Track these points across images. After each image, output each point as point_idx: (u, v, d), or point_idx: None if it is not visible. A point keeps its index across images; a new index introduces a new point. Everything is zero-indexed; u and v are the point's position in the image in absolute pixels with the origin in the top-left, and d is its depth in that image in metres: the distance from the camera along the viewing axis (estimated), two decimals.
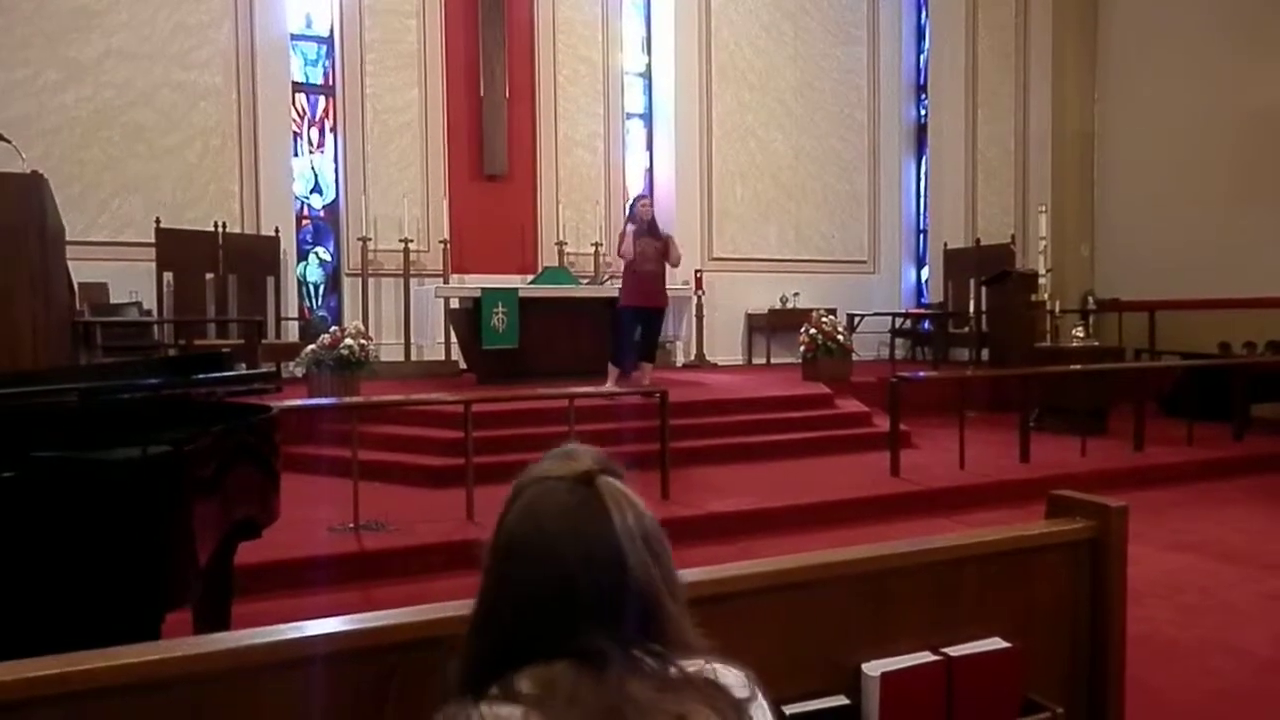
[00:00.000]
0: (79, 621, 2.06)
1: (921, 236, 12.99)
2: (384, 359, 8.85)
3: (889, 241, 12.78)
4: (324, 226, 10.33)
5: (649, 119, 11.92)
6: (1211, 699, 3.21)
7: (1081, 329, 8.74)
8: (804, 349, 8.85)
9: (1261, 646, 3.65)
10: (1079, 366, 7.77)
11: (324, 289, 10.35)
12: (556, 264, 10.26)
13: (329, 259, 10.33)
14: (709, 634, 1.01)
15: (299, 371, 7.45)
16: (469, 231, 10.32)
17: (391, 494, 5.65)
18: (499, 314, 8.27)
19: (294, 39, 9.97)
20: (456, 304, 8.74)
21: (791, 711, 1.59)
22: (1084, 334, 8.64)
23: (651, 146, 11.92)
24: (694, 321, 10.74)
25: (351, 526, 4.89)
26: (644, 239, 7.87)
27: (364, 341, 7.37)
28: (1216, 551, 5.00)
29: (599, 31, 11.14)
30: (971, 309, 10.38)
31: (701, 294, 10.92)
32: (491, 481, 4.70)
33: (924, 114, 12.83)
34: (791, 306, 11.38)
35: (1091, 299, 9.84)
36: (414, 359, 9.81)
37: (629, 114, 11.65)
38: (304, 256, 10.19)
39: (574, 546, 0.95)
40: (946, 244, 11.72)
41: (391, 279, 10.00)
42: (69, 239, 5.70)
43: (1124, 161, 10.70)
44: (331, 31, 10.16)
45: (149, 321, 8.33)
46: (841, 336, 8.80)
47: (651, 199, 9.07)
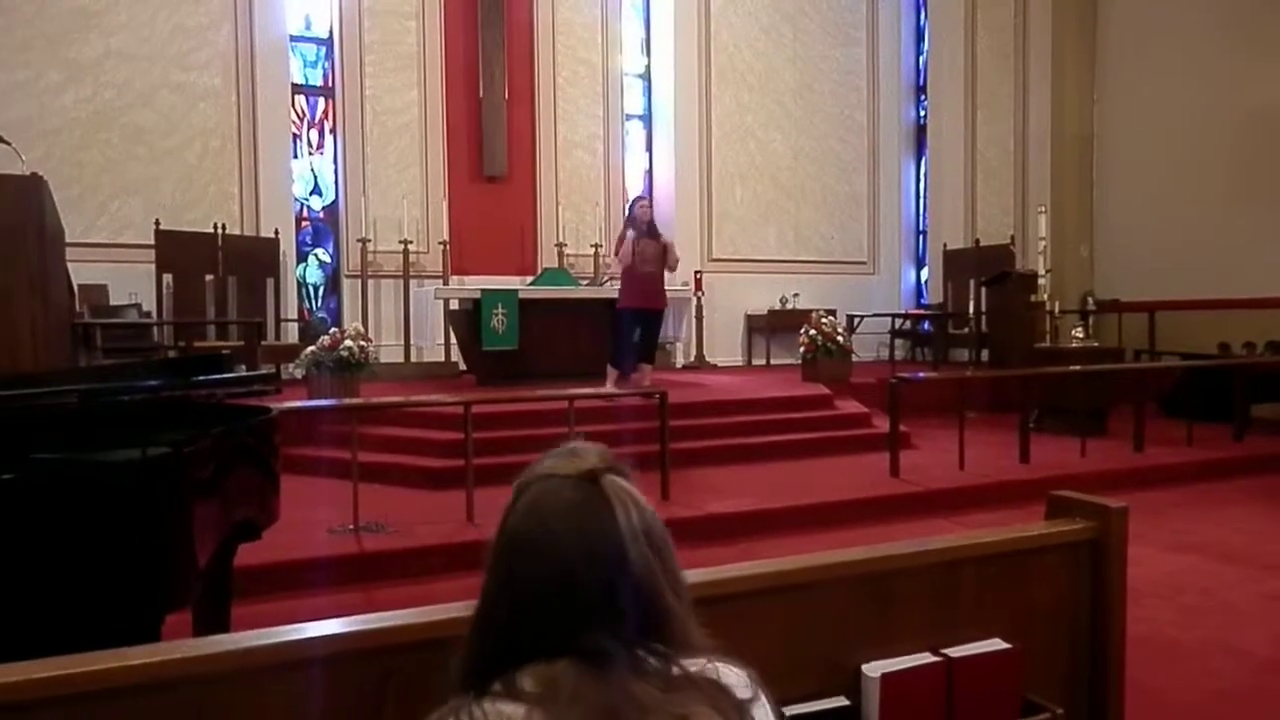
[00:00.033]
0: (79, 623, 2.06)
1: (921, 237, 12.99)
2: (384, 360, 8.85)
3: (888, 242, 12.78)
4: (323, 228, 10.33)
5: (648, 120, 11.93)
6: (1212, 699, 3.21)
7: (1081, 329, 8.74)
8: (803, 350, 8.85)
9: (1262, 647, 3.65)
10: (1079, 367, 7.77)
11: (323, 290, 10.36)
12: (556, 265, 10.26)
13: (328, 260, 10.33)
14: (709, 635, 1.01)
15: (299, 373, 7.45)
16: (468, 233, 10.32)
17: (391, 495, 5.65)
18: (499, 315, 8.28)
19: (293, 40, 9.98)
20: (456, 305, 8.75)
21: (792, 712, 1.59)
22: (1084, 334, 8.64)
23: (651, 148, 11.92)
24: (694, 322, 10.74)
25: (351, 528, 4.89)
26: (643, 240, 7.87)
27: (363, 343, 7.37)
28: (1217, 552, 5.00)
29: (598, 33, 11.14)
30: (971, 310, 10.38)
31: (701, 295, 10.93)
32: (491, 483, 4.72)
33: (923, 115, 12.84)
34: (791, 307, 11.38)
35: (1091, 299, 9.84)
36: (414, 360, 9.81)
37: (628, 115, 11.65)
38: (303, 258, 10.19)
39: (577, 544, 0.95)
40: (946, 245, 11.72)
41: (391, 280, 10.00)
42: (68, 241, 5.69)
43: (1123, 162, 10.71)
44: (331, 33, 10.17)
45: (149, 323, 8.33)
46: (841, 337, 8.80)
47: (651, 200, 9.08)
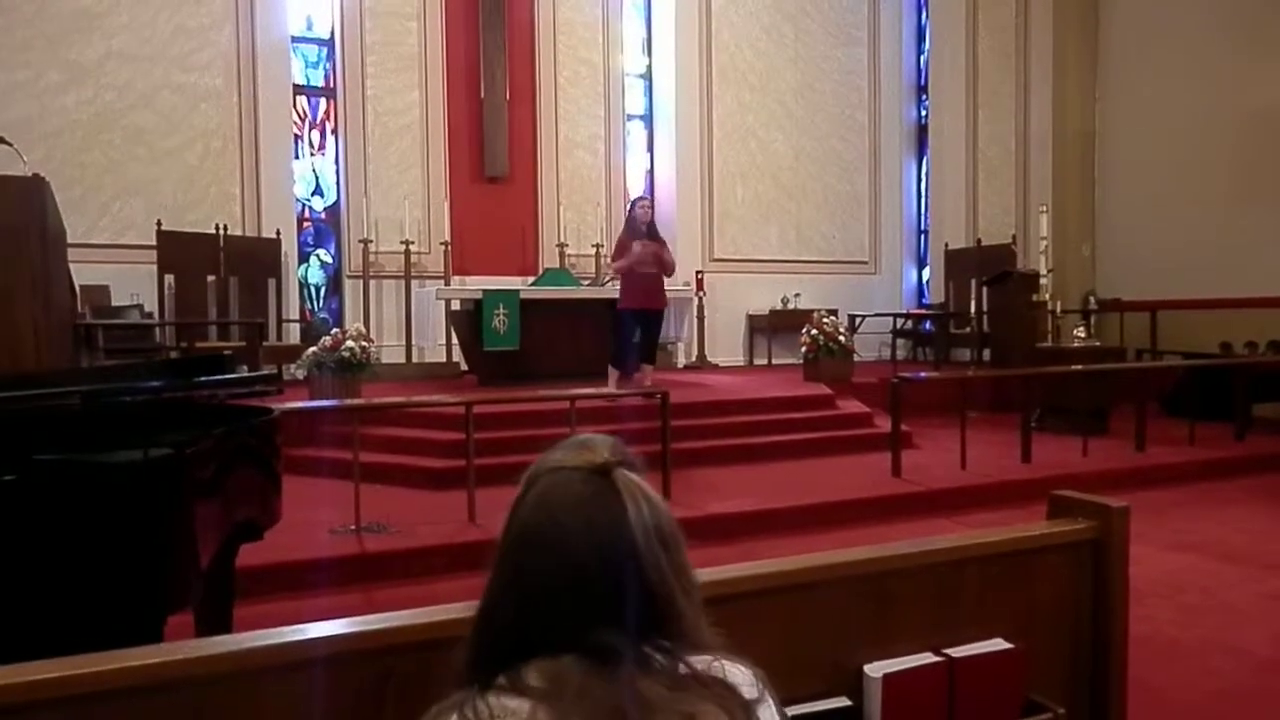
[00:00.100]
0: (81, 624, 2.06)
1: (922, 237, 12.98)
2: (385, 361, 8.85)
3: (890, 242, 12.78)
4: (325, 228, 10.34)
5: (649, 120, 11.93)
6: (1212, 699, 3.21)
7: (1083, 329, 8.73)
8: (805, 350, 8.85)
9: (1262, 646, 3.65)
10: (1080, 367, 7.76)
11: (325, 291, 10.36)
12: (557, 265, 10.26)
13: (330, 261, 10.34)
14: (718, 634, 1.00)
15: (300, 374, 7.46)
16: (470, 233, 10.32)
17: (393, 496, 5.66)
18: (500, 316, 8.28)
19: (295, 41, 9.98)
20: (457, 306, 8.75)
21: (794, 713, 1.59)
22: (1085, 334, 8.63)
23: (652, 148, 11.92)
24: (695, 323, 10.73)
25: (353, 528, 4.89)
26: (642, 241, 7.87)
27: (365, 343, 7.37)
28: (1218, 551, 4.99)
29: (599, 33, 11.14)
30: (973, 309, 10.37)
31: (702, 295, 10.92)
32: (493, 483, 4.72)
33: (925, 114, 12.83)
34: (792, 307, 11.38)
35: (1093, 299, 9.85)
36: (415, 361, 9.81)
37: (630, 115, 11.65)
38: (305, 259, 10.19)
39: (587, 539, 0.94)
40: (947, 244, 11.71)
41: (393, 281, 10.01)
42: (70, 241, 5.70)
43: (1125, 161, 10.70)
44: (332, 34, 10.17)
45: (150, 324, 8.34)
46: (843, 337, 8.80)
47: (652, 200, 9.08)
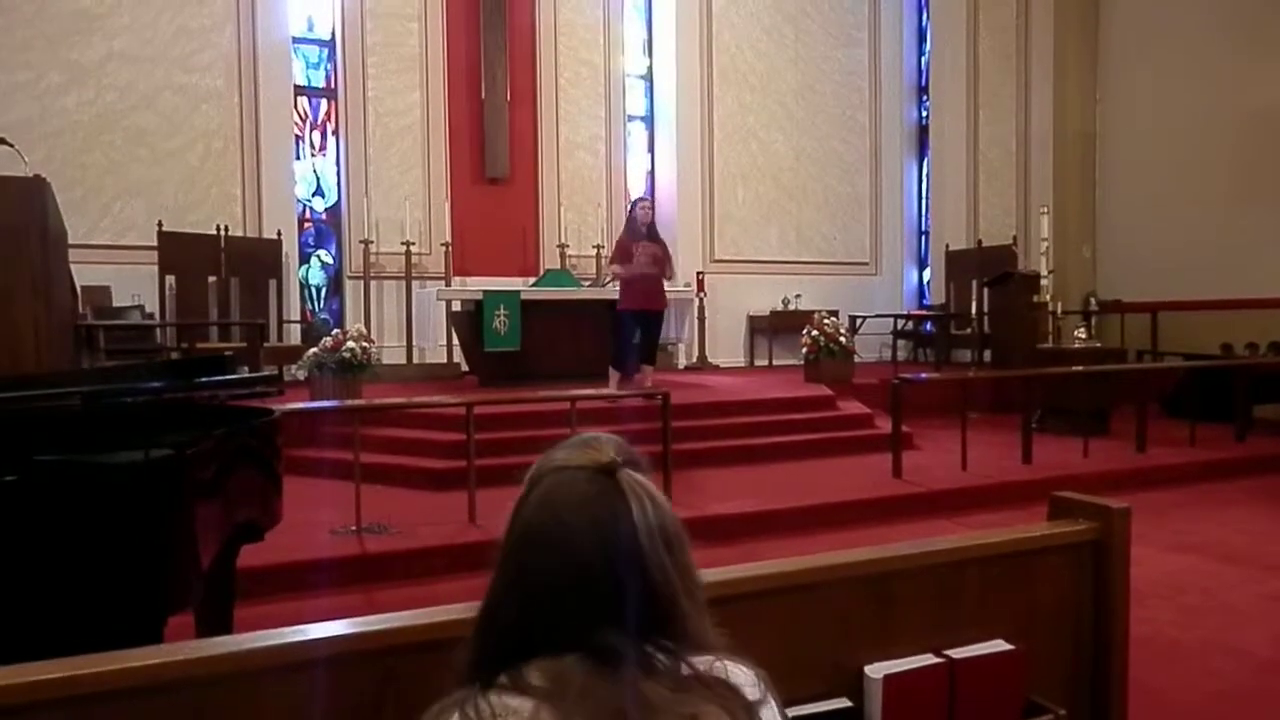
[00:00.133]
0: (82, 625, 2.06)
1: (923, 238, 12.98)
2: (386, 362, 8.85)
3: (891, 243, 12.78)
4: (326, 229, 10.34)
5: (650, 121, 11.93)
6: (1213, 700, 3.21)
7: (1083, 330, 8.73)
8: (806, 351, 8.86)
9: (1262, 647, 3.65)
10: (1081, 368, 7.76)
11: (326, 292, 10.37)
12: (558, 266, 10.26)
13: (331, 262, 10.34)
14: (721, 634, 1.00)
15: (301, 374, 7.47)
16: (471, 234, 10.33)
17: (393, 497, 5.66)
18: (501, 316, 8.28)
19: (296, 42, 9.99)
20: (458, 306, 8.75)
21: (795, 714, 1.59)
22: (1086, 335, 8.63)
23: (653, 149, 11.93)
24: (696, 323, 10.73)
25: (353, 529, 4.89)
26: (641, 242, 7.87)
27: (366, 344, 7.38)
28: (1218, 552, 4.99)
29: (600, 34, 11.15)
30: (973, 310, 10.37)
31: (703, 296, 10.92)
32: (494, 484, 4.73)
33: (925, 115, 12.83)
34: (793, 308, 11.38)
35: (1093, 300, 9.85)
36: (416, 362, 9.82)
37: (630, 116, 11.66)
38: (306, 259, 10.20)
39: (591, 539, 0.94)
40: (948, 245, 11.70)
41: (393, 282, 10.01)
42: (71, 242, 5.70)
43: (1125, 162, 10.71)
44: (333, 35, 10.18)
45: (151, 325, 8.34)
46: (843, 338, 8.81)
47: (653, 201, 9.08)
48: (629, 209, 8.54)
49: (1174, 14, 10.10)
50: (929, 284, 12.76)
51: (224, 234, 8.88)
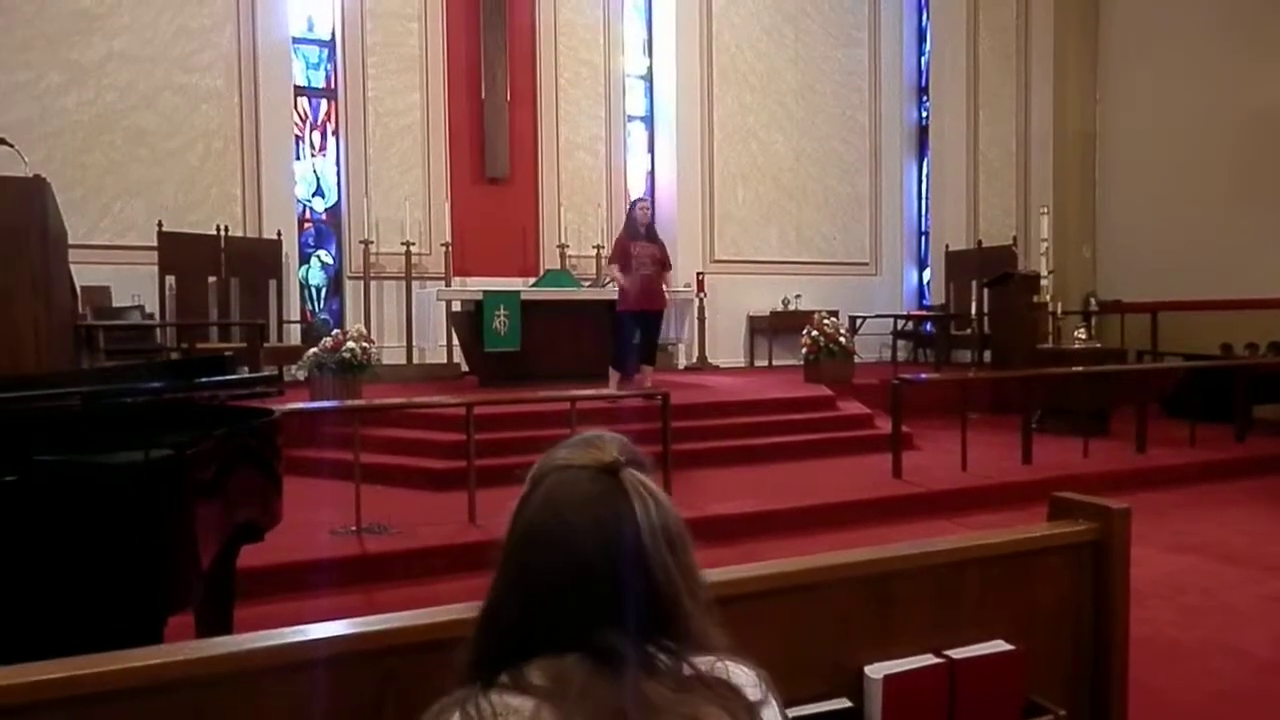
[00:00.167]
0: (82, 625, 2.06)
1: (923, 238, 12.98)
2: (386, 362, 8.85)
3: (891, 243, 12.78)
4: (326, 229, 10.34)
5: (650, 122, 11.93)
6: (1213, 700, 3.21)
7: (1083, 330, 8.73)
8: (806, 351, 8.86)
9: (1262, 648, 3.65)
10: (1081, 368, 7.76)
11: (326, 292, 10.37)
12: (558, 267, 10.26)
13: (331, 262, 10.34)
14: (724, 635, 1.00)
15: (301, 375, 7.47)
16: (471, 234, 10.33)
17: (393, 497, 5.66)
18: (501, 317, 8.28)
19: (296, 42, 9.99)
20: (458, 307, 8.75)
21: (795, 714, 1.59)
22: (1086, 335, 8.63)
23: (653, 149, 11.93)
24: (696, 324, 10.73)
25: (353, 529, 4.89)
26: (640, 242, 7.87)
27: (366, 344, 7.38)
28: (1218, 553, 4.99)
29: (600, 34, 11.15)
30: (973, 311, 10.37)
31: (703, 296, 10.92)
32: (494, 484, 4.74)
33: (925, 116, 12.83)
34: (793, 308, 11.38)
35: (1093, 300, 9.84)
36: (416, 362, 9.82)
37: (630, 117, 11.66)
38: (306, 260, 10.20)
39: (594, 538, 0.93)
40: (948, 246, 11.70)
41: (393, 282, 10.01)
42: (71, 242, 5.70)
43: (1126, 162, 10.71)
44: (333, 35, 10.18)
45: (151, 325, 8.34)
46: (843, 338, 8.81)
47: (653, 202, 9.10)
48: (628, 209, 8.54)
49: (1174, 14, 10.11)
50: (929, 284, 12.75)
51: (224, 234, 8.88)
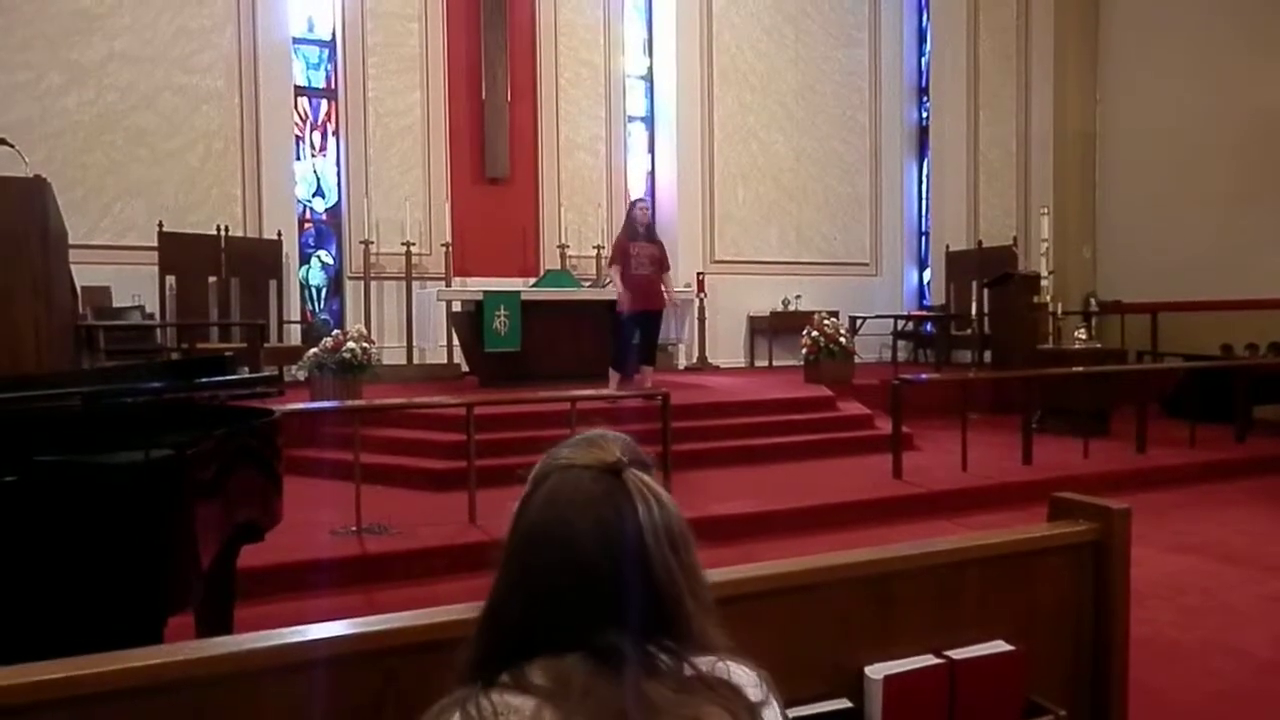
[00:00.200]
0: (81, 625, 2.06)
1: (923, 238, 12.98)
2: (386, 362, 8.86)
3: (891, 244, 12.78)
4: (326, 230, 10.34)
5: (650, 122, 11.93)
6: (1213, 700, 3.21)
7: (1084, 331, 8.72)
8: (806, 351, 8.85)
9: (1263, 648, 3.65)
10: (1081, 368, 7.76)
11: (326, 292, 10.37)
12: (558, 267, 10.26)
13: (331, 262, 10.34)
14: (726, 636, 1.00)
15: (301, 375, 7.47)
16: (471, 234, 10.33)
17: (394, 497, 5.66)
18: (501, 317, 8.28)
19: (296, 43, 9.99)
20: (458, 307, 8.75)
21: (795, 714, 1.59)
22: (1086, 336, 8.63)
23: (653, 149, 11.93)
24: (696, 324, 10.74)
25: (354, 530, 4.89)
26: (639, 243, 7.87)
27: (366, 345, 7.37)
28: (1218, 553, 4.99)
29: (600, 34, 11.15)
30: (974, 311, 10.37)
31: (703, 296, 10.92)
32: (494, 485, 4.74)
33: (925, 116, 12.83)
34: (793, 309, 11.38)
35: (1094, 301, 9.84)
36: (416, 362, 9.82)
37: (630, 117, 11.66)
38: (306, 260, 10.20)
39: (596, 539, 0.93)
40: (948, 246, 11.70)
41: (394, 282, 10.01)
42: (71, 243, 5.70)
43: (1126, 162, 10.70)
44: (333, 35, 10.18)
45: (151, 325, 8.34)
46: (843, 339, 8.80)
47: (653, 202, 9.10)
48: (627, 210, 8.54)
49: (1174, 14, 10.10)
50: (929, 284, 12.75)
51: (224, 234, 8.88)
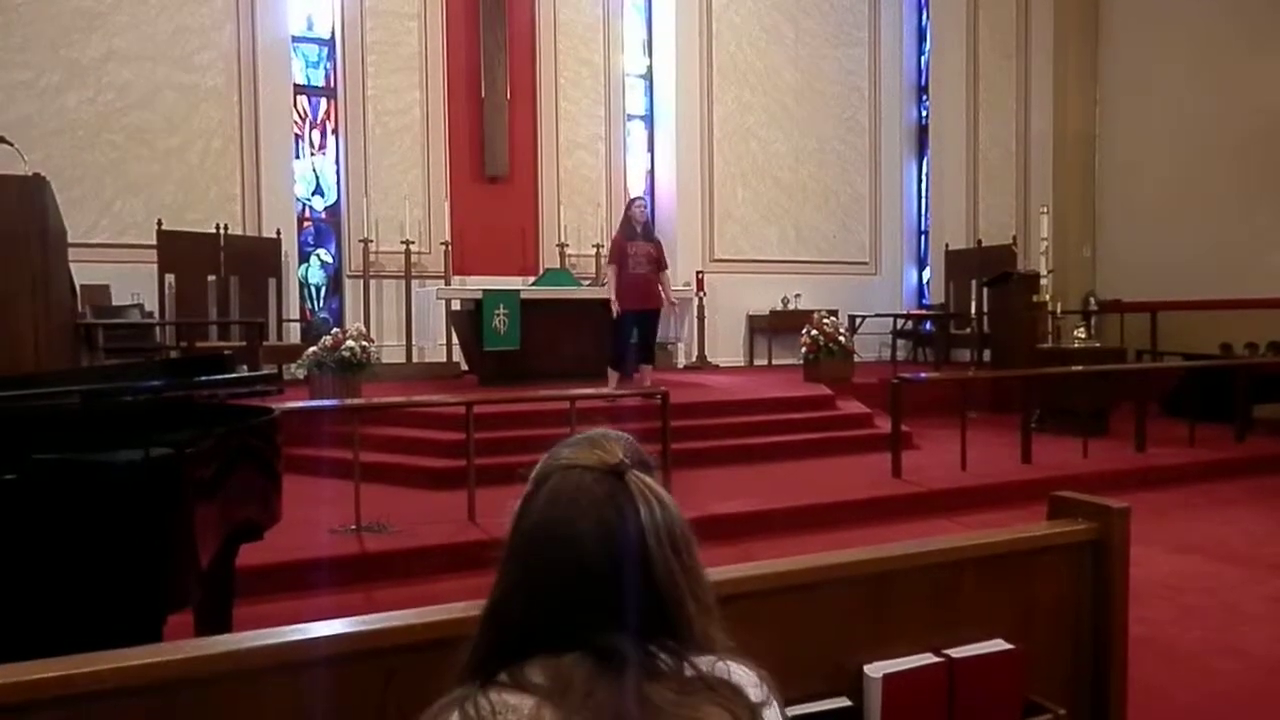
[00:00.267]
0: (81, 624, 2.06)
1: (923, 238, 12.98)
2: (385, 361, 8.84)
3: (890, 243, 12.78)
4: (325, 228, 10.34)
5: (650, 121, 11.93)
6: (1213, 700, 3.21)
7: (1083, 330, 8.73)
8: (805, 350, 8.86)
9: (1263, 647, 3.65)
10: (1081, 367, 7.76)
11: (325, 291, 10.36)
12: (558, 266, 10.26)
13: (330, 261, 10.34)
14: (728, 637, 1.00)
15: (300, 373, 7.46)
16: (470, 233, 10.32)
17: (393, 496, 5.65)
18: (500, 316, 8.28)
19: (295, 41, 9.99)
20: (458, 306, 8.75)
21: (794, 713, 1.58)
22: (1085, 335, 8.63)
23: (652, 148, 11.92)
24: (695, 323, 10.74)
25: (353, 528, 4.89)
26: (637, 242, 7.87)
27: (365, 343, 7.37)
28: (1218, 552, 4.99)
29: (600, 33, 11.14)
30: (973, 310, 10.37)
31: (703, 295, 10.92)
32: (493, 483, 4.73)
33: (925, 115, 12.83)
34: (793, 308, 11.38)
35: (1093, 300, 9.83)
36: (415, 361, 9.81)
37: (630, 116, 11.65)
38: (305, 258, 10.20)
39: (598, 540, 0.93)
40: (948, 245, 11.71)
41: (393, 281, 10.01)
42: (71, 241, 5.70)
43: (1125, 162, 10.70)
44: (333, 34, 10.17)
45: (151, 323, 8.33)
46: (843, 338, 8.81)
47: (652, 201, 9.09)
48: (625, 209, 8.53)
49: (1174, 13, 10.10)
50: (928, 284, 12.76)
51: (223, 233, 8.87)
